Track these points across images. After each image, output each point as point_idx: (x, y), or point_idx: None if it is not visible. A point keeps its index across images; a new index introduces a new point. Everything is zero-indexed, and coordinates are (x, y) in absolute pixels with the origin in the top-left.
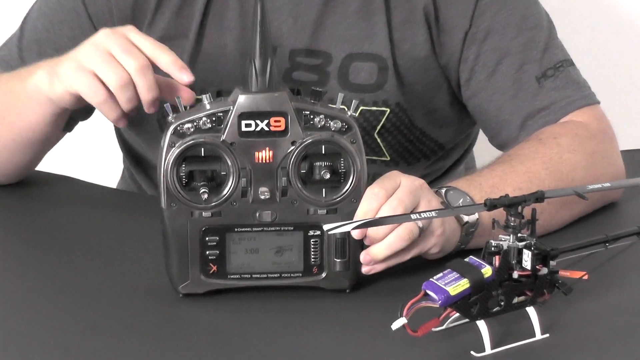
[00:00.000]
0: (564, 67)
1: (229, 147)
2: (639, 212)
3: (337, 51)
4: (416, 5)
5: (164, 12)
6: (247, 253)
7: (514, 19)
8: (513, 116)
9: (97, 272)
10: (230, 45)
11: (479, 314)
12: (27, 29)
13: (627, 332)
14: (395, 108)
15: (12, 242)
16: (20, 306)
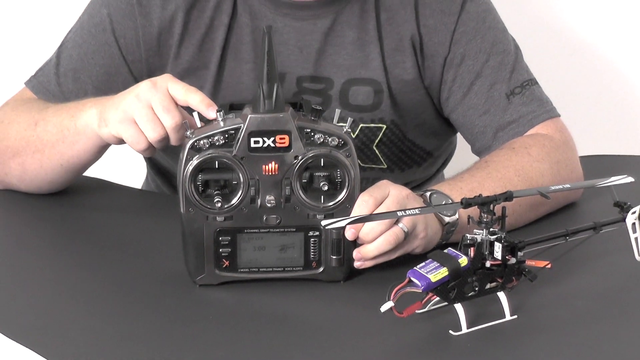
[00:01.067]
0: (529, 86)
1: (240, 160)
2: (595, 210)
3: (337, 77)
4: (404, 35)
5: (187, 47)
6: (255, 250)
7: (485, 45)
8: (486, 128)
9: (126, 263)
10: (246, 75)
11: (456, 298)
12: (63, 57)
13: (586, 313)
14: (390, 124)
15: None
16: (61, 292)
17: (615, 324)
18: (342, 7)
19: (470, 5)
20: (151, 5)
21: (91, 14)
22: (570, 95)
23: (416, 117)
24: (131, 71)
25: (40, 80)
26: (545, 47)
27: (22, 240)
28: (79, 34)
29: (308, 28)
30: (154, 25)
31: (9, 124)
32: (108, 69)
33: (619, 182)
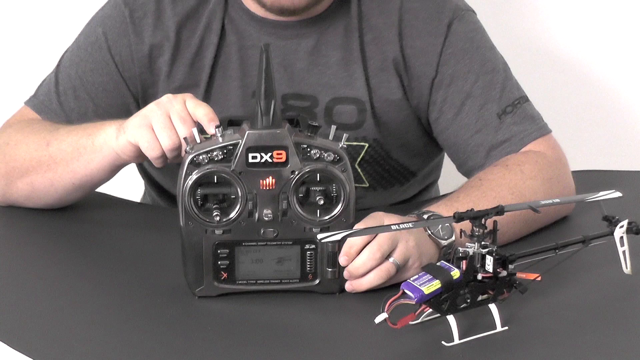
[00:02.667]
0: (520, 104)
1: (238, 175)
2: (585, 224)
3: (322, 95)
4: (387, 56)
5: (179, 66)
6: (253, 263)
7: (474, 65)
8: (479, 148)
9: (127, 275)
10: (233, 92)
11: (448, 310)
12: (61, 76)
13: (575, 324)
14: (373, 143)
15: (55, 250)
16: (62, 303)
17: (604, 334)
18: (326, 27)
19: (457, 26)
20: (143, 24)
21: (87, 34)
22: (561, 111)
23: (400, 136)
24: (128, 87)
25: (41, 100)
26: (536, 64)
27: (23, 253)
28: (75, 53)
29: (292, 47)
30: (145, 43)
31: (16, 145)
32: (106, 86)
33: (608, 197)
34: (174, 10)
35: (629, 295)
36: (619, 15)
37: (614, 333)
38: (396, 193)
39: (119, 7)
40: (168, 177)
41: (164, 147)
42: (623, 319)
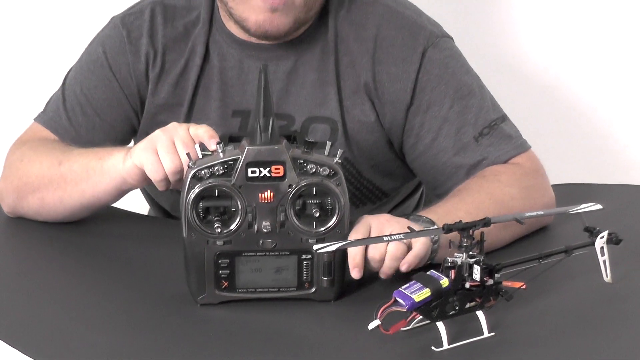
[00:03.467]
0: (497, 125)
1: (238, 189)
2: (567, 234)
3: (298, 114)
4: (360, 80)
5: (163, 85)
6: (252, 272)
7: (449, 91)
8: (459, 169)
9: (132, 284)
10: (213, 111)
11: (438, 317)
12: (67, 94)
13: (558, 329)
14: (344, 162)
15: (63, 259)
16: (70, 310)
17: (586, 339)
18: (304, 50)
19: (432, 53)
20: (140, 44)
21: (89, 53)
22: (542, 128)
23: (372, 157)
24: (129, 102)
25: (50, 116)
26: (516, 82)
27: (32, 262)
28: (79, 72)
29: (271, 68)
30: (142, 61)
31: (29, 162)
32: (110, 102)
33: (589, 209)
34: (164, 31)
35: (610, 302)
36: (595, 35)
37: (596, 338)
38: (368, 212)
39: (117, 28)
40: (170, 200)
41: (166, 170)
42: (604, 324)
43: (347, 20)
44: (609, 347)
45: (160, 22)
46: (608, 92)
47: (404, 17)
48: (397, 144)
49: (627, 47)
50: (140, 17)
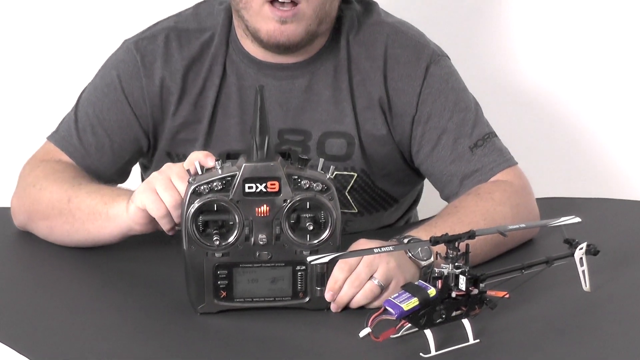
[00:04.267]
0: (489, 138)
1: (236, 204)
2: (548, 246)
3: (315, 130)
4: (373, 96)
5: (184, 105)
6: (249, 282)
7: (449, 104)
8: (453, 177)
9: (135, 294)
10: (232, 128)
11: (426, 324)
12: (80, 115)
13: (540, 336)
14: (360, 173)
15: (71, 270)
16: (79, 318)
17: (566, 345)
18: (317, 68)
19: (434, 69)
20: (154, 67)
21: (103, 76)
22: (527, 145)
23: (384, 167)
24: (140, 124)
25: (62, 135)
26: (504, 103)
27: (39, 274)
28: (92, 94)
29: (287, 87)
30: (156, 84)
31: (41, 191)
32: (121, 123)
33: (568, 222)
34: (181, 54)
35: (588, 310)
36: (575, 53)
37: (575, 344)
38: (381, 217)
39: (130, 52)
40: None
41: (167, 205)
42: (583, 331)
43: (357, 41)
44: (588, 352)
45: (176, 47)
46: (588, 112)
47: (408, 37)
48: (407, 154)
49: (606, 65)
50: (154, 42)
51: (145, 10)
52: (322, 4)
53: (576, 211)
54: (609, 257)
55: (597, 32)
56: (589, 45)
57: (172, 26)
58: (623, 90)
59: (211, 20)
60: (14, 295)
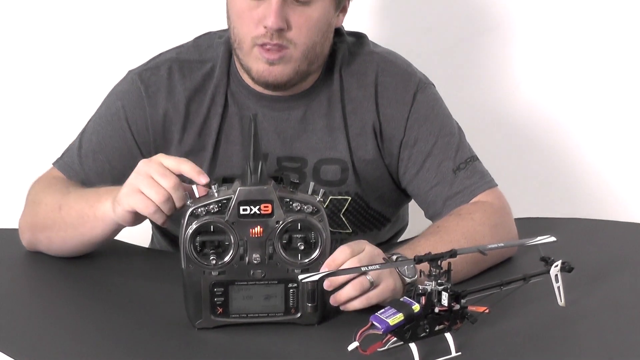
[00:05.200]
0: (471, 162)
1: (231, 225)
2: (525, 264)
3: (310, 157)
4: (367, 123)
5: (189, 133)
6: (244, 299)
7: (434, 129)
8: (437, 198)
9: (136, 310)
10: (235, 155)
11: (411, 338)
12: (84, 141)
13: (518, 349)
14: (354, 196)
15: (71, 289)
16: (77, 334)
17: (543, 356)
18: (312, 100)
19: (420, 96)
20: (157, 97)
21: (108, 105)
22: (506, 169)
23: (377, 190)
24: (141, 151)
25: (65, 161)
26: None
27: (43, 293)
28: (97, 122)
29: (284, 117)
30: (159, 114)
31: (38, 205)
32: (122, 151)
33: (544, 241)
34: (184, 85)
35: (563, 324)
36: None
37: (552, 356)
38: (374, 236)
39: (135, 82)
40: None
41: (155, 202)
42: (558, 343)
43: (349, 72)
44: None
45: (179, 77)
46: (562, 139)
47: (396, 66)
48: (395, 175)
49: (578, 95)
50: (157, 73)
51: (148, 42)
52: (311, 48)
53: (552, 231)
54: (583, 274)
55: (570, 64)
56: (561, 76)
57: (174, 57)
58: (595, 118)
59: (211, 52)
60: (18, 311)
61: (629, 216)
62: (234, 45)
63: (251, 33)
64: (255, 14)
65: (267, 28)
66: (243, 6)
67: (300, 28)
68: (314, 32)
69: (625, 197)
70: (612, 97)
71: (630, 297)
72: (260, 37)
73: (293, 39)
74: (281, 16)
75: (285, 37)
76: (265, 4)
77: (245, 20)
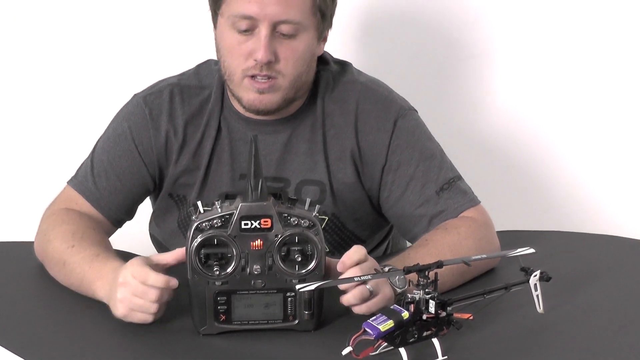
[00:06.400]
0: (454, 182)
1: (233, 238)
2: (506, 274)
3: (293, 178)
4: (345, 148)
5: (185, 154)
6: (246, 307)
7: (415, 153)
8: (422, 218)
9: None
10: (225, 175)
11: (400, 343)
12: (95, 161)
13: (500, 353)
14: (331, 216)
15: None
16: (95, 341)
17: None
18: (297, 125)
19: (401, 123)
20: (160, 120)
21: (115, 127)
22: (488, 185)
23: (354, 212)
24: (148, 170)
25: (80, 180)
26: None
27: (55, 302)
28: (106, 143)
29: (270, 140)
30: (162, 135)
31: (48, 243)
32: (131, 169)
33: (524, 252)
34: (183, 109)
35: (542, 329)
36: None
37: (531, 359)
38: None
39: (140, 106)
40: (171, 239)
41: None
42: (537, 347)
43: (332, 99)
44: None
45: (179, 101)
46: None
47: (377, 93)
48: (375, 200)
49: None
50: (160, 97)
51: (153, 68)
52: (298, 77)
53: (531, 243)
54: (560, 283)
55: (544, 90)
56: (536, 101)
57: (176, 82)
58: (568, 141)
59: (209, 79)
60: (33, 317)
61: (601, 229)
62: (225, 77)
63: (241, 66)
64: (244, 47)
65: (257, 61)
66: (233, 41)
67: (288, 60)
68: (300, 63)
69: (598, 211)
70: (584, 122)
71: (604, 304)
72: (250, 69)
73: (281, 70)
74: (270, 50)
75: (274, 68)
76: (254, 39)
77: (235, 54)
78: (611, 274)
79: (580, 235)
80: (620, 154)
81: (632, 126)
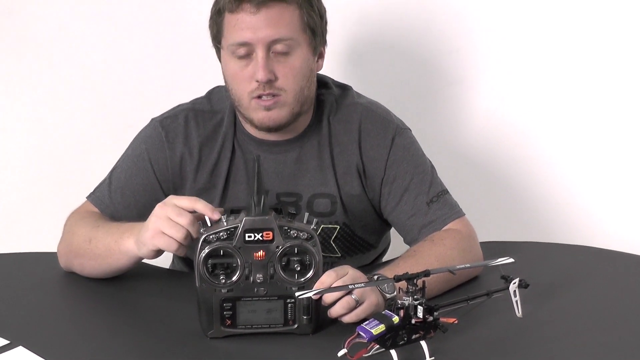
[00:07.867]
0: (442, 195)
1: (238, 249)
2: (488, 281)
3: (305, 192)
4: (351, 163)
5: (202, 173)
6: (249, 313)
7: (410, 168)
8: (413, 227)
9: (156, 322)
10: (241, 192)
11: (391, 346)
12: (113, 179)
13: (482, 354)
14: (342, 226)
15: (101, 305)
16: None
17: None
18: (305, 144)
19: (398, 140)
20: (176, 142)
21: (134, 148)
22: (472, 199)
23: (361, 220)
24: (162, 188)
25: (97, 195)
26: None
27: (76, 309)
28: (125, 162)
29: (281, 159)
30: (177, 155)
31: (73, 235)
32: (146, 187)
33: (504, 262)
34: (198, 132)
35: (521, 332)
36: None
37: (511, 359)
38: (360, 260)
39: (157, 129)
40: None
41: (177, 239)
42: (517, 349)
43: (336, 120)
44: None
45: (194, 125)
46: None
47: (376, 114)
48: (377, 209)
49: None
50: (176, 121)
51: (170, 95)
52: (300, 91)
53: (510, 253)
54: (537, 289)
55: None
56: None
57: (190, 107)
58: (546, 158)
59: (221, 104)
60: (55, 323)
61: (576, 240)
62: (235, 103)
63: (247, 89)
64: (246, 72)
65: (259, 81)
66: (235, 68)
67: (287, 76)
68: (299, 77)
69: (571, 224)
70: (559, 141)
71: (578, 309)
72: (255, 91)
73: (283, 87)
74: (268, 69)
75: (275, 86)
76: (253, 62)
77: (239, 79)
78: (583, 281)
79: (556, 245)
80: (593, 172)
81: (608, 143)
